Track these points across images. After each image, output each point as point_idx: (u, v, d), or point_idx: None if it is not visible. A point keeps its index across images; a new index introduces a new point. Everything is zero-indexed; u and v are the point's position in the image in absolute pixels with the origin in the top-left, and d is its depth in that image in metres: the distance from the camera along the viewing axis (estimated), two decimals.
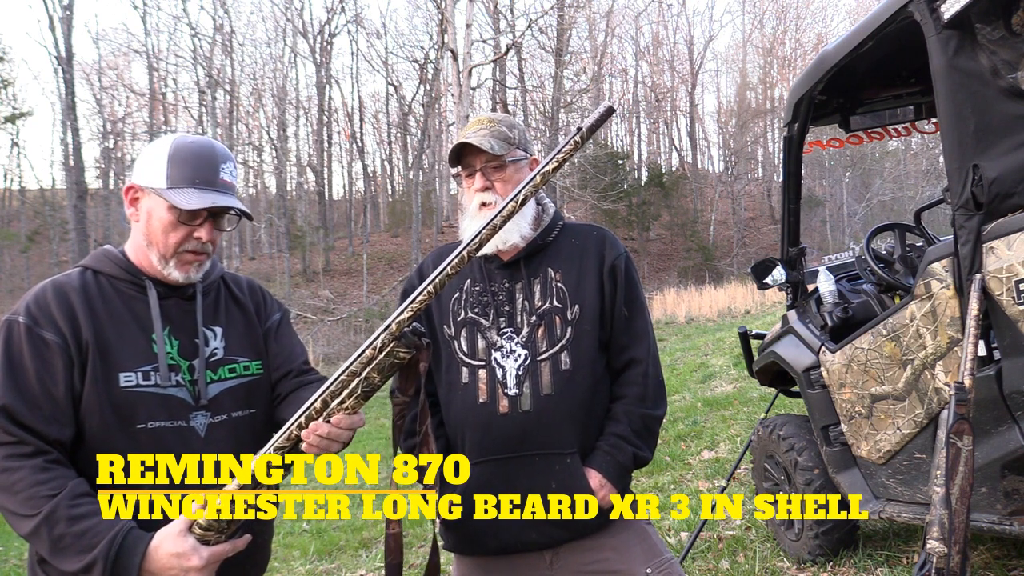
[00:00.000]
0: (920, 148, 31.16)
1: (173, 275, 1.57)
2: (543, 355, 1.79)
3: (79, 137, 23.09)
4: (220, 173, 1.55)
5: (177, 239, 1.54)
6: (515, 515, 1.76)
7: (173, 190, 1.51)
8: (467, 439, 1.82)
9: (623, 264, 1.87)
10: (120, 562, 1.34)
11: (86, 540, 1.34)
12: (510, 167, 1.83)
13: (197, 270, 1.59)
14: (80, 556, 1.34)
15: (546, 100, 29.93)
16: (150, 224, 1.55)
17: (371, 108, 38.56)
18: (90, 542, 1.34)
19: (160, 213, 1.54)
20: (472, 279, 1.89)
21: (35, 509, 1.35)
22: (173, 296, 1.60)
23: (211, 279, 1.68)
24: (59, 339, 1.46)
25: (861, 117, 3.60)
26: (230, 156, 1.61)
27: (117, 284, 1.57)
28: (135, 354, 1.51)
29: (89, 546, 1.34)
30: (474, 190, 1.82)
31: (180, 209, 1.51)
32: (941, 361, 2.43)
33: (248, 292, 1.77)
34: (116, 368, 1.49)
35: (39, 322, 1.47)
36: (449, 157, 1.86)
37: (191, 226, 1.55)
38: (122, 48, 31.38)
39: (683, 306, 19.52)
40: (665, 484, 5.22)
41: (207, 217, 1.56)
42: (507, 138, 1.82)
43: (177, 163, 1.53)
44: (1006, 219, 2.11)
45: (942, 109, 2.22)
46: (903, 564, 3.22)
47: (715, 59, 49.82)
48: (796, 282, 3.55)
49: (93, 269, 1.59)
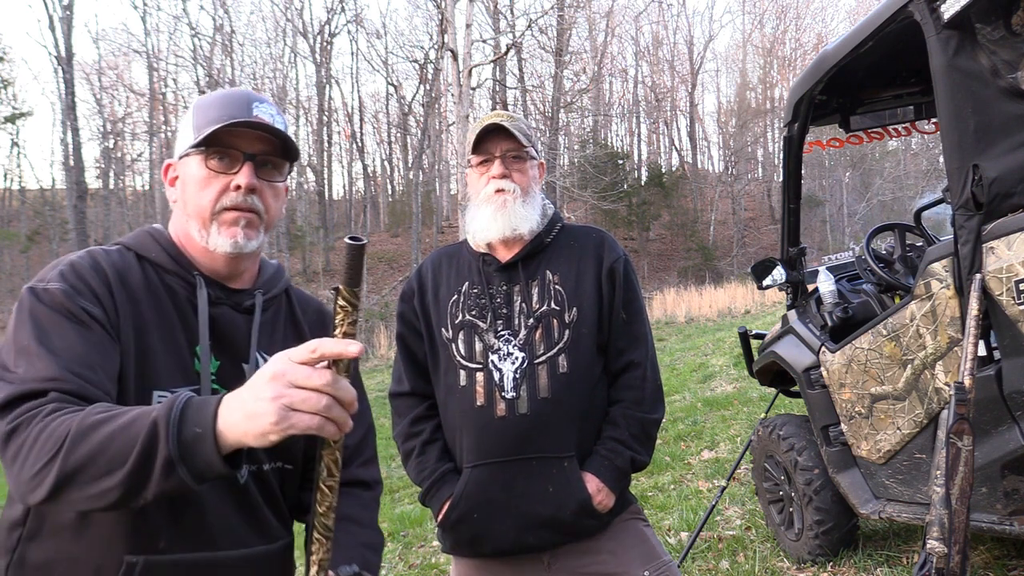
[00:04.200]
0: (920, 148, 31.16)
1: (219, 245, 1.26)
2: (541, 358, 1.79)
3: (79, 137, 23.13)
4: (253, 110, 1.27)
5: (213, 194, 1.25)
6: (512, 519, 1.76)
7: (200, 136, 1.26)
8: (464, 442, 1.81)
9: (622, 267, 1.87)
10: (188, 415, 0.96)
11: (137, 424, 0.97)
12: (528, 161, 1.85)
13: (246, 236, 1.27)
14: (132, 442, 0.95)
15: (546, 100, 29.95)
16: (185, 192, 1.29)
17: (371, 108, 38.65)
18: (142, 422, 0.97)
19: (191, 170, 1.27)
20: (470, 281, 1.88)
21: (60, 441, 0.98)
22: (225, 303, 1.30)
23: (275, 290, 1.40)
24: (103, 314, 1.16)
25: (861, 117, 3.60)
26: (268, 100, 1.33)
27: (165, 276, 1.27)
28: (174, 369, 1.22)
29: (140, 427, 0.96)
30: (490, 176, 1.82)
31: (208, 154, 1.25)
32: (941, 361, 2.43)
33: (315, 319, 1.45)
34: (152, 383, 1.18)
35: (81, 292, 1.16)
36: (472, 142, 1.85)
37: (227, 175, 1.26)
38: (122, 48, 31.45)
39: (683, 306, 19.50)
40: (665, 484, 5.22)
41: (244, 160, 1.26)
42: (526, 133, 1.84)
43: (202, 111, 1.28)
44: (1006, 219, 2.11)
45: (942, 109, 2.22)
46: (903, 564, 3.22)
47: (715, 59, 49.81)
48: (796, 282, 3.55)
49: (137, 252, 1.28)
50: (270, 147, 1.29)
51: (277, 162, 1.32)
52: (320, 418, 0.92)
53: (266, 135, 1.27)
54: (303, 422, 0.91)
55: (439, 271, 1.94)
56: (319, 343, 0.93)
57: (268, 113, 1.29)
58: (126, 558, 1.14)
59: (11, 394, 1.04)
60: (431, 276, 1.94)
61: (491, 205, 1.81)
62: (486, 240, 1.86)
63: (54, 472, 0.97)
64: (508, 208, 1.79)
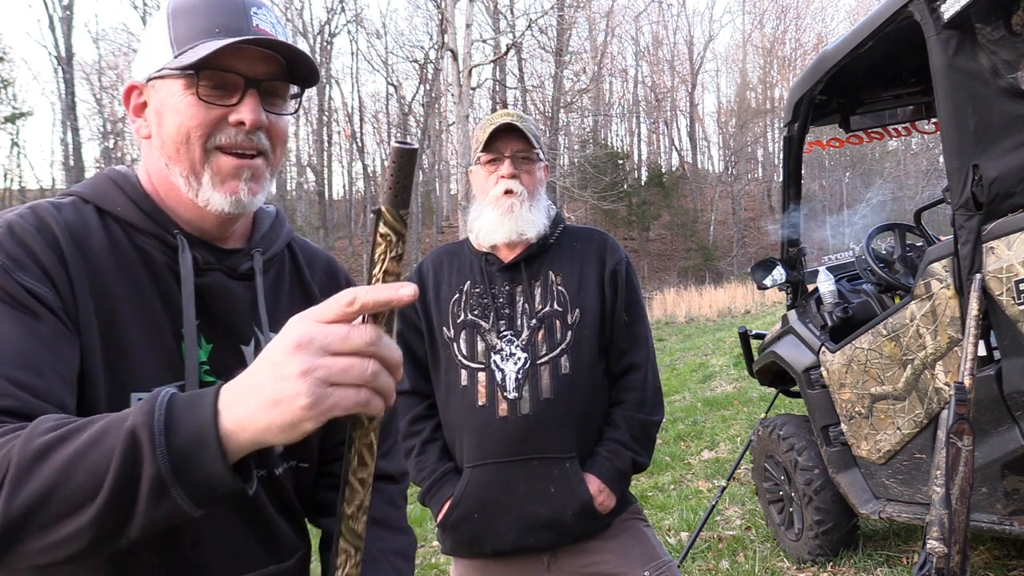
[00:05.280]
0: (920, 148, 31.16)
1: (216, 204, 0.96)
2: (543, 359, 1.79)
3: (79, 137, 23.19)
4: (251, 19, 0.97)
5: (203, 130, 0.94)
6: (513, 519, 1.76)
7: (184, 55, 0.94)
8: (465, 442, 1.81)
9: (624, 269, 1.88)
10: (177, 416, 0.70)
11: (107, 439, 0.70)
12: (536, 162, 1.85)
13: (251, 191, 0.97)
14: (102, 465, 0.69)
15: (546, 100, 29.96)
16: (163, 126, 0.96)
17: (371, 108, 38.60)
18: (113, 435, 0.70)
19: (173, 99, 0.95)
20: (472, 281, 1.88)
21: None
22: (216, 268, 1.01)
23: (275, 247, 1.10)
24: (54, 296, 0.87)
25: (861, 117, 3.60)
26: (268, 6, 1.02)
27: (136, 237, 0.97)
28: (157, 361, 0.93)
29: (112, 441, 0.70)
30: (500, 176, 1.82)
31: (199, 79, 0.93)
32: (941, 361, 2.43)
33: (325, 280, 1.17)
34: (128, 382, 0.91)
35: (20, 264, 0.86)
36: (484, 140, 1.82)
37: (224, 107, 0.95)
38: (122, 48, 31.40)
39: (683, 306, 19.52)
40: (665, 484, 5.22)
41: (247, 88, 0.95)
42: (536, 135, 1.84)
43: (183, 17, 0.96)
44: (1006, 219, 2.11)
45: (942, 109, 2.22)
46: (903, 564, 3.22)
47: (715, 59, 49.81)
48: (796, 282, 3.55)
49: (98, 206, 0.97)
50: (276, 67, 0.98)
51: (283, 88, 1.01)
52: (368, 391, 0.68)
53: (271, 52, 0.97)
54: (348, 399, 0.67)
55: (440, 269, 1.94)
56: (356, 292, 0.68)
57: (268, 21, 0.99)
58: None
59: None
60: (432, 274, 1.94)
61: (498, 209, 1.80)
62: (491, 243, 1.86)
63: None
64: (515, 212, 1.79)
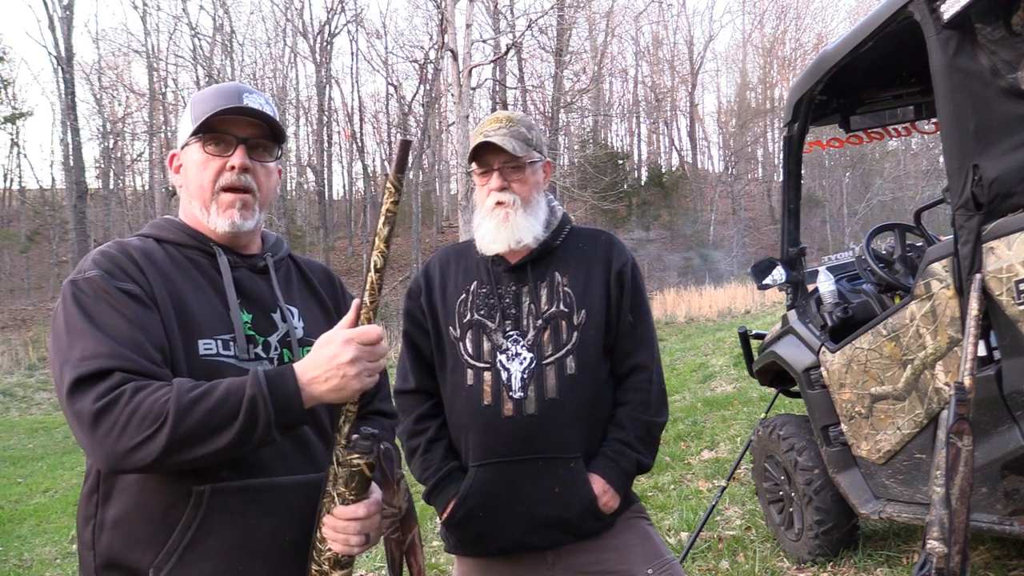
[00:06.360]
0: (920, 148, 31.15)
1: (219, 226, 1.42)
2: (549, 359, 1.79)
3: (79, 137, 23.07)
4: (243, 99, 1.41)
5: (211, 176, 1.41)
6: (518, 518, 1.76)
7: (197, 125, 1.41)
8: (470, 441, 1.82)
9: (630, 271, 1.88)
10: (276, 386, 1.21)
11: (231, 399, 1.19)
12: (528, 168, 1.84)
13: (242, 215, 1.43)
14: (231, 421, 1.18)
15: (546, 100, 29.93)
16: (188, 176, 1.45)
17: (371, 108, 38.51)
18: (235, 396, 1.19)
19: (192, 156, 1.43)
20: (479, 281, 1.89)
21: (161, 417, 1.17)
22: (243, 266, 1.47)
23: (280, 254, 1.57)
24: (141, 290, 1.31)
25: (861, 117, 3.60)
26: (259, 92, 1.48)
27: (185, 251, 1.44)
28: (214, 320, 1.37)
29: (236, 400, 1.19)
30: (490, 189, 1.82)
31: (205, 140, 1.41)
32: (941, 361, 2.43)
33: (325, 280, 1.65)
34: (195, 333, 1.33)
35: (115, 275, 1.30)
36: (469, 154, 1.86)
37: (223, 157, 1.41)
38: (122, 48, 31.34)
39: (683, 306, 19.50)
40: (665, 484, 5.22)
41: (237, 144, 1.42)
42: (526, 139, 1.82)
43: (198, 103, 1.43)
44: (1006, 219, 2.11)
45: (942, 109, 2.22)
46: (903, 564, 3.22)
47: (715, 59, 49.77)
48: (796, 282, 3.55)
49: (155, 237, 1.45)
50: (260, 131, 1.45)
51: (267, 144, 1.47)
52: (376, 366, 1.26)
53: (256, 121, 1.43)
54: (374, 376, 1.24)
55: (447, 269, 1.95)
56: (355, 302, 1.27)
57: (257, 102, 1.43)
58: (194, 488, 1.28)
59: (79, 375, 1.19)
60: (439, 274, 1.95)
61: (494, 219, 1.81)
62: (492, 252, 1.86)
63: (162, 442, 1.15)
64: (510, 221, 1.80)
